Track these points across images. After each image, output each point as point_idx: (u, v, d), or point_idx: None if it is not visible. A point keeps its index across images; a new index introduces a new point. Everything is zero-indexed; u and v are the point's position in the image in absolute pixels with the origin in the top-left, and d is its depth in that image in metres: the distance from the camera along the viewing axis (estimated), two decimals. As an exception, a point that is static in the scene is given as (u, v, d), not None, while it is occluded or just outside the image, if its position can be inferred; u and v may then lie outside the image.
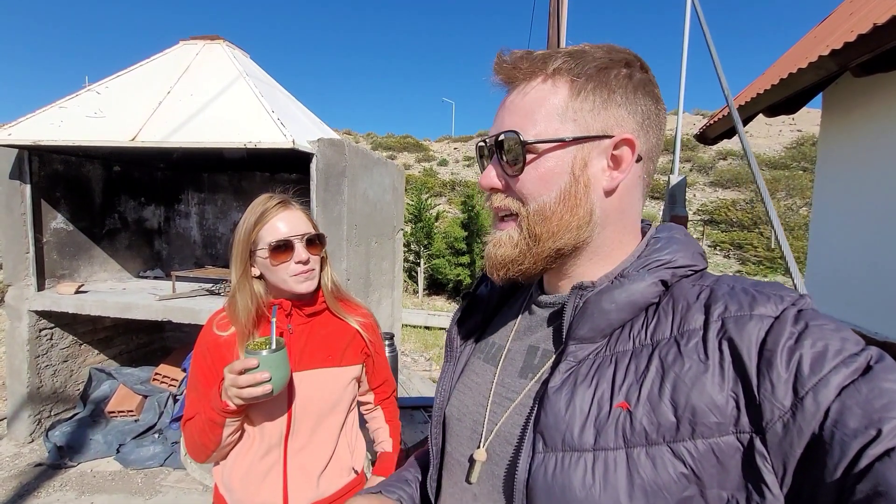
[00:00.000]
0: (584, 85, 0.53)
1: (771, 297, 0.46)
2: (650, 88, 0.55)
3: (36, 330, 3.11)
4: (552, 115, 0.53)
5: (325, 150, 2.68)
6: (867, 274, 2.72)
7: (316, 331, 1.13)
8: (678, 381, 0.44)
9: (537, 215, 0.54)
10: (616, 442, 0.46)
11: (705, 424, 0.42)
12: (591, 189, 0.54)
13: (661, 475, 0.43)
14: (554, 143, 0.53)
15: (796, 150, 23.53)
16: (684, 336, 0.47)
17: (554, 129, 0.53)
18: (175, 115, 2.77)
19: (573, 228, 0.54)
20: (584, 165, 0.53)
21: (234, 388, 0.91)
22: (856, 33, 2.10)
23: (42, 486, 2.76)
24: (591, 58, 0.53)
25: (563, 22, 4.33)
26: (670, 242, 0.56)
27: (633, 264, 0.55)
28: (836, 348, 0.40)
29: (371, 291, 3.30)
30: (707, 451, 0.42)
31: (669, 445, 0.44)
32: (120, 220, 3.80)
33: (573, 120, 0.53)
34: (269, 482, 1.06)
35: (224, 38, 3.40)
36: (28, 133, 2.73)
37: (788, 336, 0.41)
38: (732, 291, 0.48)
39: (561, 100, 0.53)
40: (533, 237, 0.55)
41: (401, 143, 32.57)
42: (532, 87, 0.55)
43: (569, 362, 0.52)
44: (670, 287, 0.53)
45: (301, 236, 1.05)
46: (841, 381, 0.38)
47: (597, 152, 0.53)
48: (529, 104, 0.54)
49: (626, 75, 0.54)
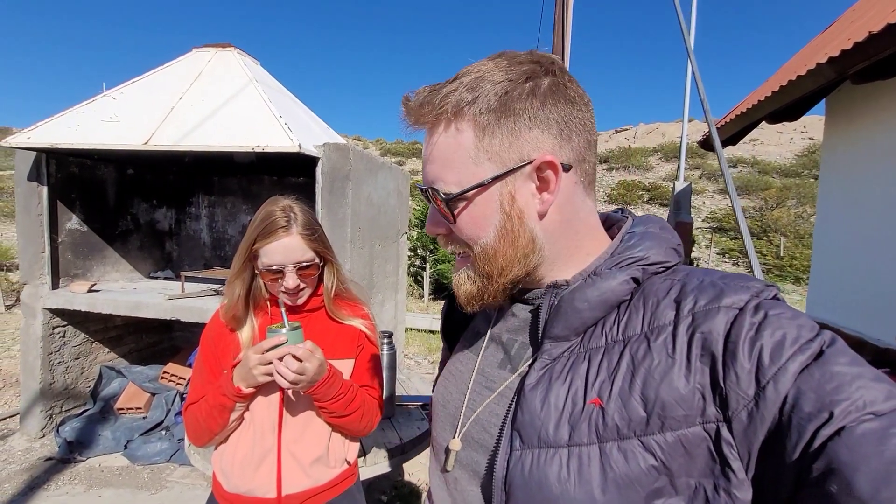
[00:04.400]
0: (486, 121, 0.51)
1: (738, 288, 0.46)
2: (561, 93, 0.53)
3: (49, 327, 3.20)
4: (466, 161, 0.52)
5: (330, 154, 2.75)
6: (870, 281, 2.71)
7: (312, 324, 1.17)
8: (648, 377, 0.46)
9: (482, 256, 0.55)
10: (589, 437, 0.47)
11: (674, 417, 0.44)
12: (525, 218, 0.53)
13: (632, 468, 0.44)
14: (475, 188, 0.52)
15: (807, 158, 23.28)
16: (654, 332, 0.48)
17: (472, 174, 0.52)
18: (187, 119, 2.86)
19: (519, 259, 0.54)
20: (511, 199, 0.52)
21: (260, 365, 0.99)
22: (852, 41, 2.12)
23: (52, 479, 2.84)
24: (489, 85, 0.51)
25: (567, 30, 4.38)
26: (644, 238, 0.56)
27: (606, 262, 0.55)
28: (793, 336, 0.41)
29: (374, 293, 3.35)
30: (675, 442, 0.44)
31: (640, 439, 0.45)
32: (132, 222, 3.90)
33: (487, 160, 0.52)
34: (264, 469, 1.11)
35: (235, 46, 3.50)
36: (46, 136, 2.83)
37: (749, 327, 0.43)
38: (702, 285, 0.48)
39: (469, 143, 0.52)
40: (484, 276, 0.56)
41: (409, 150, 32.79)
42: (438, 134, 0.54)
43: (544, 360, 0.53)
44: (642, 283, 0.53)
45: (294, 265, 1.09)
46: (797, 368, 0.40)
47: (521, 181, 0.52)
48: (441, 154, 0.54)
49: (529, 91, 0.51)
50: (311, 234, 1.11)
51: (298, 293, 1.13)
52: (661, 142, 28.40)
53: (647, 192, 21.37)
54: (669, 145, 26.76)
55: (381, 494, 2.81)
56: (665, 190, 20.75)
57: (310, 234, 1.11)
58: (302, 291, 1.13)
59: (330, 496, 1.17)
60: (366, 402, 1.18)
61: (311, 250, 1.11)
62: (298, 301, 1.14)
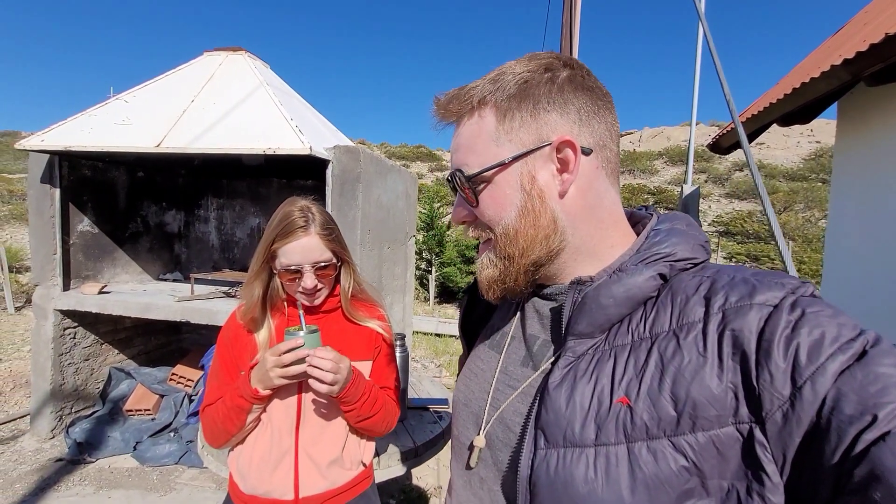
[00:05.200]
0: (507, 105, 0.54)
1: (772, 285, 0.45)
2: (579, 82, 0.55)
3: (60, 329, 3.22)
4: (488, 143, 0.55)
5: (340, 157, 2.75)
6: (883, 284, 2.68)
7: (329, 325, 1.17)
8: (678, 375, 0.45)
9: (505, 237, 0.56)
10: (617, 437, 0.46)
11: (705, 417, 0.42)
12: (546, 198, 0.54)
13: (662, 469, 0.43)
14: (495, 167, 0.55)
15: (815, 162, 23.13)
16: (683, 329, 0.47)
17: (492, 155, 0.55)
18: (198, 122, 2.88)
19: (540, 240, 0.55)
20: (531, 178, 0.54)
21: (277, 367, 0.99)
22: (868, 43, 2.10)
23: (62, 480, 2.84)
24: (509, 76, 0.55)
25: (575, 31, 4.38)
26: (670, 235, 0.55)
27: (631, 258, 0.54)
28: (832, 335, 0.39)
29: (383, 295, 3.35)
30: (707, 443, 0.42)
31: (670, 439, 0.44)
32: (142, 224, 3.93)
33: (508, 141, 0.54)
34: (281, 471, 1.11)
35: (246, 50, 3.52)
36: (60, 139, 2.86)
37: (785, 325, 0.41)
38: (733, 282, 0.47)
39: (490, 127, 0.55)
40: (507, 257, 0.57)
41: (414, 153, 32.87)
42: (464, 124, 0.57)
43: (568, 358, 0.53)
44: (669, 280, 0.52)
45: (312, 265, 1.09)
46: (837, 368, 0.38)
47: (541, 162, 0.54)
48: (466, 140, 0.57)
49: (548, 80, 0.54)
50: (328, 234, 1.11)
51: (316, 293, 1.13)
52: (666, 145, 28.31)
53: (653, 195, 21.29)
54: (675, 149, 26.68)
55: (389, 498, 2.79)
56: (670, 193, 20.67)
57: (328, 234, 1.11)
58: (319, 292, 1.13)
59: (347, 498, 1.16)
60: (386, 403, 1.18)
61: (329, 250, 1.11)
62: (316, 301, 1.14)
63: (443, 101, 0.58)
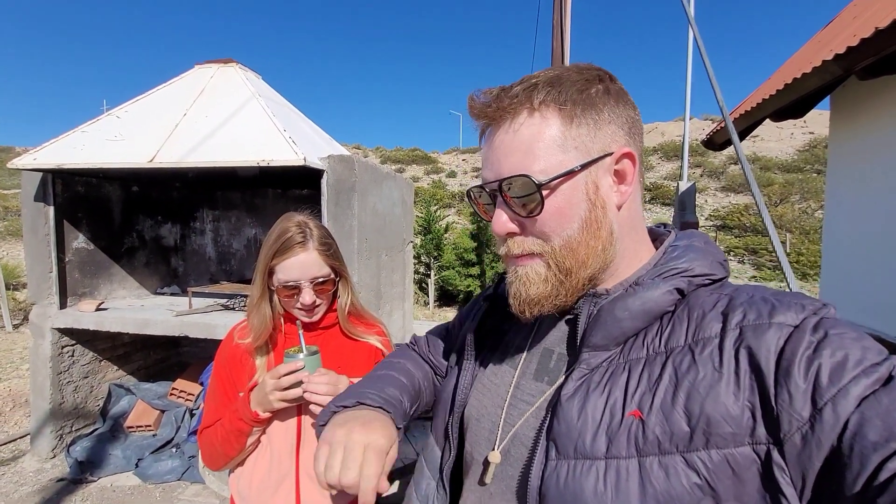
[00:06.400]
0: (573, 111, 0.52)
1: (792, 305, 0.44)
2: (624, 96, 0.56)
3: (58, 347, 3.19)
4: (552, 148, 0.52)
5: (335, 166, 2.74)
6: (881, 276, 2.68)
7: (328, 341, 1.16)
8: (692, 390, 0.44)
9: (564, 249, 0.53)
10: (628, 450, 0.45)
11: (720, 434, 0.42)
12: (607, 209, 0.54)
13: (674, 485, 0.43)
14: (565, 175, 0.52)
15: (809, 153, 23.20)
16: (699, 344, 0.46)
17: (559, 162, 0.52)
18: (191, 136, 2.87)
19: (599, 252, 0.54)
20: (595, 189, 0.53)
21: (277, 391, 0.98)
22: (858, 37, 2.11)
23: (64, 500, 2.82)
24: (569, 82, 0.53)
25: (566, 34, 4.39)
26: (688, 251, 0.55)
27: (648, 272, 0.54)
28: (856, 358, 0.38)
29: (382, 304, 3.34)
30: (722, 461, 0.41)
31: (683, 455, 0.43)
32: (138, 239, 3.91)
33: (575, 148, 0.52)
34: (282, 493, 1.09)
35: (237, 61, 3.51)
36: (52, 157, 2.84)
37: (807, 345, 0.40)
38: (752, 300, 0.47)
39: (556, 130, 0.52)
40: (564, 271, 0.54)
41: (409, 156, 32.88)
42: (520, 123, 0.53)
43: (582, 370, 0.52)
44: (686, 295, 0.52)
45: (311, 280, 1.07)
46: (861, 392, 0.37)
47: (602, 172, 0.54)
48: (524, 141, 0.53)
49: (603, 90, 0.54)
50: (326, 248, 1.10)
51: (314, 309, 1.12)
52: (660, 141, 28.36)
53: (648, 191, 21.33)
54: (669, 144, 26.72)
55: (395, 508, 2.78)
56: (666, 189, 20.71)
57: (326, 249, 1.10)
58: (318, 307, 1.12)
59: (349, 518, 1.15)
60: None
61: (328, 265, 1.11)
62: (314, 318, 1.13)
63: (486, 97, 0.55)
